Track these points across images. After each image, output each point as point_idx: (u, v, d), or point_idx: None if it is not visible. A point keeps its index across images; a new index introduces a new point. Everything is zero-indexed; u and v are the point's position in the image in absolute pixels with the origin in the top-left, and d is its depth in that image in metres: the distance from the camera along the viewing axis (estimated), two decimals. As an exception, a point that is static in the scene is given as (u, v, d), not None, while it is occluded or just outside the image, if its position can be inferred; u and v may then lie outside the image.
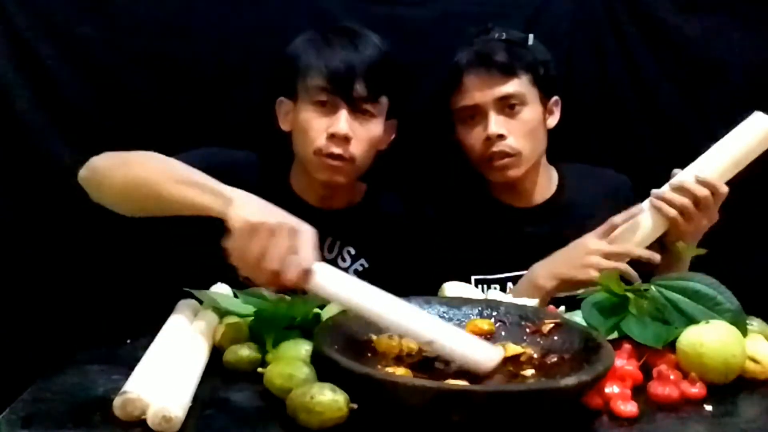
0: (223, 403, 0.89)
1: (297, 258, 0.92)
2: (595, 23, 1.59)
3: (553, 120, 1.45)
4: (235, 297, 1.11)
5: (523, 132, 1.37)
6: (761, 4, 1.59)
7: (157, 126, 1.51)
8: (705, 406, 0.91)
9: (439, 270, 1.30)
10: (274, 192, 1.04)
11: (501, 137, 1.35)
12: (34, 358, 1.32)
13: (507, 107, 1.37)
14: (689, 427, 0.86)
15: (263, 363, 0.96)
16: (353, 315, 0.97)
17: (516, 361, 0.95)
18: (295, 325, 1.04)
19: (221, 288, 1.16)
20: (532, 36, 1.41)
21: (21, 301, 1.51)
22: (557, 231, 1.34)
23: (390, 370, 0.89)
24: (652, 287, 1.09)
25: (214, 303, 1.09)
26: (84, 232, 1.49)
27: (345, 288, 0.96)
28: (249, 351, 0.99)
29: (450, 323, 1.03)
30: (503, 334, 1.02)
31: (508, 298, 1.22)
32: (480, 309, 1.06)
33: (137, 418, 0.81)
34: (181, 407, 0.82)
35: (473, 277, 1.42)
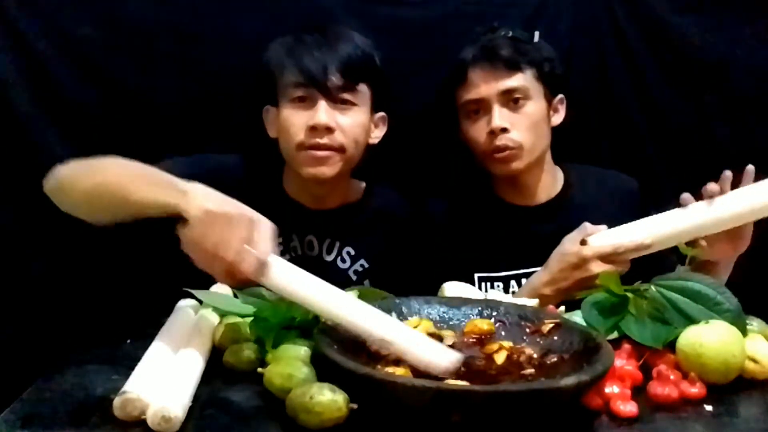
0: (223, 403, 0.89)
1: (253, 250, 0.92)
2: (595, 23, 1.59)
3: (558, 118, 1.45)
4: (235, 297, 1.11)
5: (526, 125, 1.37)
6: (761, 4, 1.59)
7: (157, 126, 1.51)
8: (705, 406, 0.91)
9: (442, 268, 1.31)
10: (267, 195, 1.03)
11: (504, 130, 1.36)
12: (34, 358, 1.32)
13: (511, 101, 1.37)
14: (689, 427, 0.86)
15: (263, 363, 0.96)
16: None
17: (516, 362, 0.95)
18: (295, 325, 1.04)
19: (221, 288, 1.15)
20: (537, 33, 1.42)
21: (21, 301, 1.50)
22: (561, 230, 1.34)
23: (390, 370, 0.89)
24: (651, 287, 1.08)
25: (214, 303, 1.10)
26: (84, 232, 1.48)
27: (299, 283, 0.95)
28: (249, 351, 0.99)
29: (450, 323, 1.03)
30: (503, 334, 1.02)
31: (507, 298, 1.22)
32: (480, 309, 1.06)
33: (137, 418, 0.81)
34: (181, 407, 0.82)
35: (476, 275, 1.42)
